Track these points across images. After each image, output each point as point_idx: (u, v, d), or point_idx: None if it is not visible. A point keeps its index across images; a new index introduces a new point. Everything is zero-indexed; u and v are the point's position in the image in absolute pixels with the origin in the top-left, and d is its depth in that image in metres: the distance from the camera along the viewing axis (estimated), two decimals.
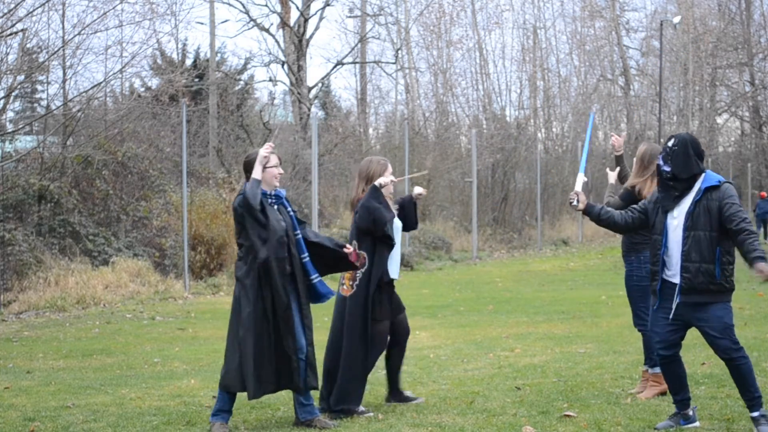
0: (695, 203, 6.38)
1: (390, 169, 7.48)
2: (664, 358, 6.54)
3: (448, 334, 12.18)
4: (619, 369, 8.70)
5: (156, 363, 10.35)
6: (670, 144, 6.48)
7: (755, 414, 6.39)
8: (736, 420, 6.79)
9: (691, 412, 6.61)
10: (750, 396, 6.39)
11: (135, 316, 14.86)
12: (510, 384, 8.39)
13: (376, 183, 7.32)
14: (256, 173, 6.77)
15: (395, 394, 7.68)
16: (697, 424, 6.61)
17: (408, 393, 7.74)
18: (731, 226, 6.27)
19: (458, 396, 7.88)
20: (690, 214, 6.37)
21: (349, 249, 7.10)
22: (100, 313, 15.19)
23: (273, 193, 6.95)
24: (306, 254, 6.95)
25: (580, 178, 7.13)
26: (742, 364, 6.37)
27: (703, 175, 6.44)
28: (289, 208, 7.03)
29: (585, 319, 13.16)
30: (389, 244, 7.28)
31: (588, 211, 6.81)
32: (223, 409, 6.82)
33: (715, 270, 6.31)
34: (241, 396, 7.88)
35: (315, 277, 6.95)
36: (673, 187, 6.47)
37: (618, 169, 8.18)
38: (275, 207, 6.91)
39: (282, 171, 7.11)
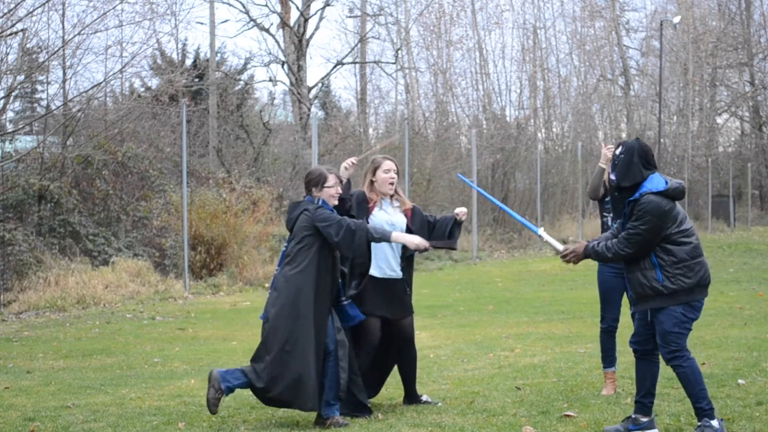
0: (625, 216, 6.35)
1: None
2: (635, 352, 6.56)
3: (448, 334, 12.18)
4: (618, 369, 8.69)
5: (156, 363, 10.35)
6: (617, 152, 6.39)
7: (699, 424, 6.28)
8: (736, 420, 6.79)
9: (645, 419, 6.49)
10: (695, 405, 6.31)
11: (135, 316, 14.86)
12: (510, 384, 8.39)
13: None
14: (400, 239, 7.03)
15: (410, 398, 7.69)
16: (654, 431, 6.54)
17: (424, 397, 7.71)
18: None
19: (458, 396, 7.88)
20: (623, 225, 6.36)
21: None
22: (100, 313, 15.19)
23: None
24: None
25: (546, 236, 6.98)
26: (680, 372, 6.32)
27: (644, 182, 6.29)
28: None
29: (585, 319, 13.16)
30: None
31: (590, 255, 6.55)
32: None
33: (657, 274, 6.26)
34: (242, 396, 7.88)
35: (345, 300, 7.14)
36: (619, 196, 6.43)
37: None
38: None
39: (340, 191, 7.14)
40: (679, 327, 6.30)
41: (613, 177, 6.38)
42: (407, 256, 7.56)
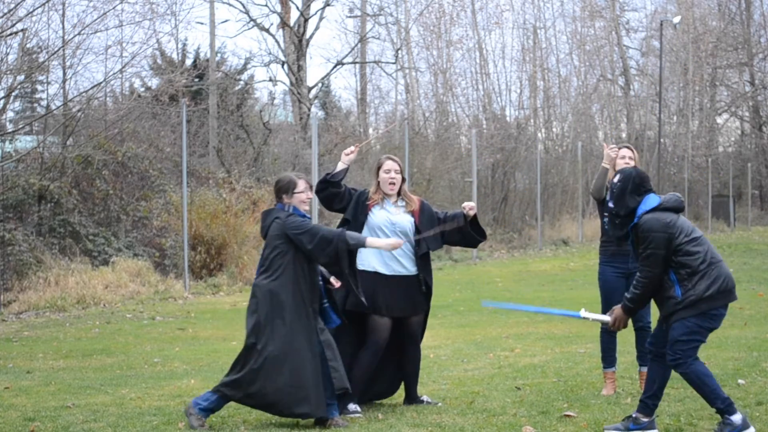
0: (634, 240, 6.46)
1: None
2: (650, 353, 6.60)
3: (448, 334, 12.18)
4: (619, 369, 8.69)
5: (156, 363, 10.34)
6: (615, 180, 6.54)
7: (720, 421, 6.40)
8: None
9: (646, 420, 6.51)
10: (711, 406, 6.41)
11: (135, 316, 14.86)
12: (510, 384, 8.39)
13: None
14: (377, 243, 7.03)
15: (410, 398, 7.69)
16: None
17: (425, 398, 7.70)
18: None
19: (458, 396, 7.88)
20: (634, 253, 6.48)
21: (335, 285, 7.19)
22: (100, 313, 15.19)
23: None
24: (321, 278, 7.13)
25: (590, 314, 6.98)
26: (685, 376, 6.40)
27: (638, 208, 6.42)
28: None
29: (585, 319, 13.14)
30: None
31: (628, 308, 6.61)
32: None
33: (676, 291, 6.34)
34: None
35: (325, 303, 7.11)
36: (618, 224, 6.52)
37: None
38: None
39: (311, 196, 7.16)
40: (688, 336, 6.34)
41: (611, 205, 6.52)
42: (421, 255, 7.51)
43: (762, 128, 47.58)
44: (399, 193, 7.60)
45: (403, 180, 7.63)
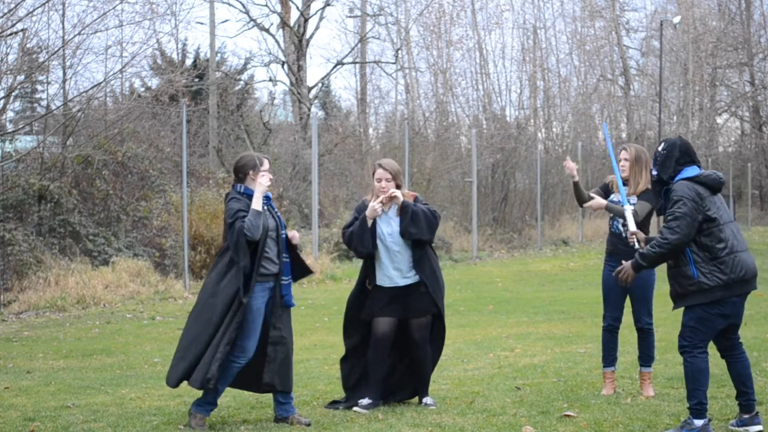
0: (664, 204, 6.46)
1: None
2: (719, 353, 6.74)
3: (448, 334, 12.11)
4: (619, 369, 8.69)
5: (156, 363, 10.35)
6: (659, 148, 6.56)
7: (685, 419, 6.42)
8: None
9: (746, 416, 6.59)
10: (687, 400, 6.44)
11: (135, 316, 14.86)
12: (510, 384, 8.39)
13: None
14: (257, 204, 6.82)
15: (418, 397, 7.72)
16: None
17: (427, 400, 7.67)
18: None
19: (458, 396, 7.88)
20: (665, 217, 6.45)
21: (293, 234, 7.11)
22: (100, 313, 15.19)
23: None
24: (287, 255, 7.04)
25: (629, 211, 7.13)
26: (684, 366, 6.44)
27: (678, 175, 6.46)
28: (276, 210, 7.12)
29: (585, 319, 13.16)
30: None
31: (639, 263, 6.59)
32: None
33: (691, 270, 6.31)
34: (242, 396, 7.89)
35: (286, 279, 7.04)
36: (659, 191, 6.55)
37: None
38: (265, 207, 6.95)
39: (272, 176, 7.14)
40: (695, 322, 6.38)
41: (654, 172, 6.52)
42: (417, 259, 7.47)
43: (762, 128, 47.58)
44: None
45: (399, 185, 7.52)
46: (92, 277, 16.71)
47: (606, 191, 8.02)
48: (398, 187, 7.52)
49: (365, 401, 7.42)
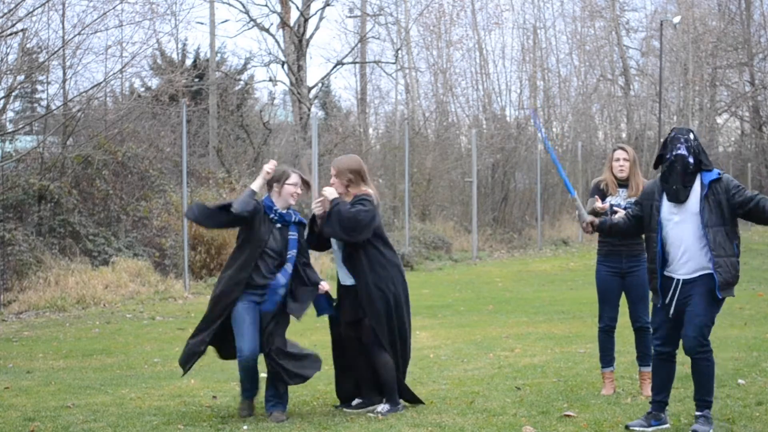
0: (705, 198, 6.41)
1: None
2: (661, 354, 6.59)
3: (448, 334, 12.18)
4: (619, 369, 8.70)
5: (156, 363, 10.35)
6: (691, 137, 6.56)
7: (698, 413, 6.48)
8: (737, 420, 6.80)
9: (663, 415, 6.65)
10: (710, 396, 6.51)
11: (135, 316, 14.86)
12: (510, 384, 8.39)
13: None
14: (254, 184, 7.09)
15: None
16: (667, 425, 6.65)
17: (378, 407, 7.62)
18: (749, 206, 6.39)
19: (458, 396, 7.89)
20: (703, 210, 6.40)
21: (324, 288, 7.36)
22: (100, 313, 15.19)
23: (278, 211, 7.15)
24: (286, 280, 7.26)
25: (589, 203, 7.31)
26: (707, 361, 6.48)
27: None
28: (294, 233, 7.20)
29: (585, 319, 13.16)
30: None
31: (600, 229, 7.04)
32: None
33: (735, 249, 6.43)
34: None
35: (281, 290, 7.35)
36: (690, 173, 6.49)
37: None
38: (277, 225, 7.13)
39: (300, 192, 7.21)
40: (712, 321, 6.50)
41: (691, 159, 6.49)
42: (346, 257, 7.34)
43: (762, 128, 47.56)
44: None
45: (347, 183, 7.35)
46: (92, 277, 16.71)
47: (601, 194, 7.90)
48: (348, 184, 7.32)
49: (356, 401, 7.48)
